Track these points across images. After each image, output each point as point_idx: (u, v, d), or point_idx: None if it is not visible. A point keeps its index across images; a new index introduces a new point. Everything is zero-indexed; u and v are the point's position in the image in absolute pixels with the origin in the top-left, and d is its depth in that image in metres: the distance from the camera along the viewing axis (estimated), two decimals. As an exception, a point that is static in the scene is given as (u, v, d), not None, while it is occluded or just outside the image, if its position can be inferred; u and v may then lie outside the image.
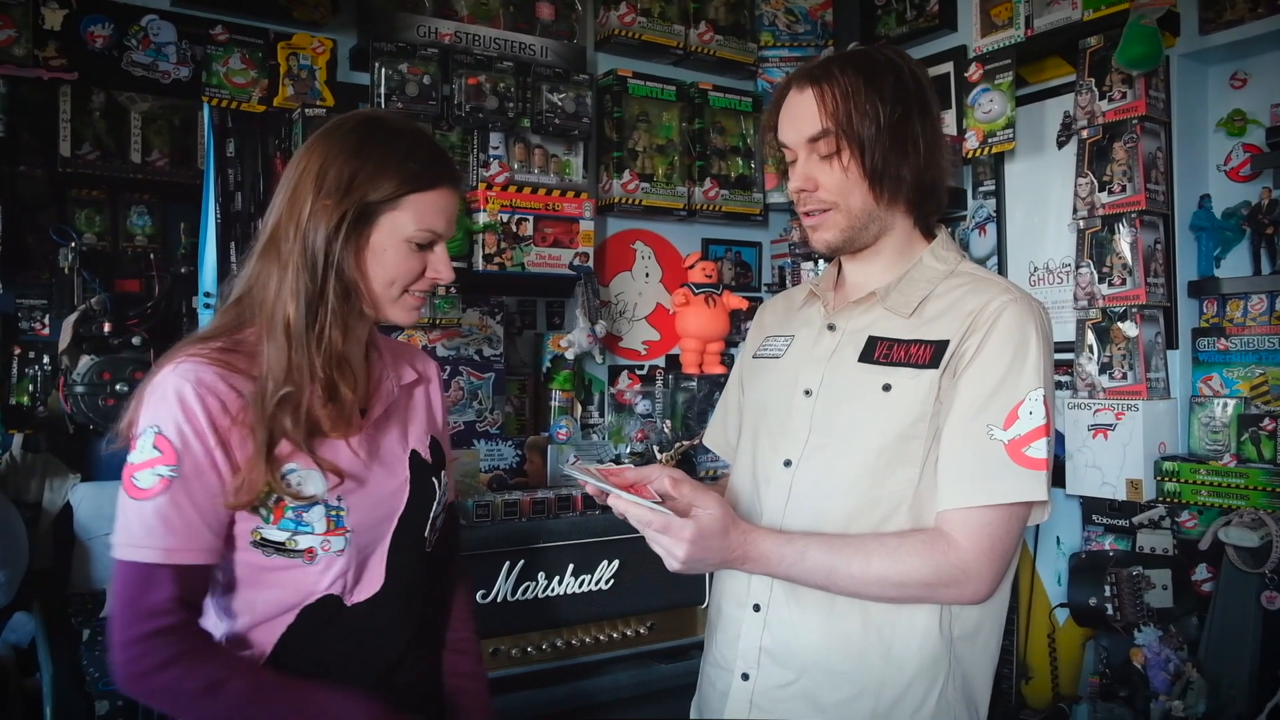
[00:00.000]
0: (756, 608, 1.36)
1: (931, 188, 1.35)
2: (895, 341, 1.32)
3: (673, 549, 1.19)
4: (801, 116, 1.31)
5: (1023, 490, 1.23)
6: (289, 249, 1.20)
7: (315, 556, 1.20)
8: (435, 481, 1.38)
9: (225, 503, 1.15)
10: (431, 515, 1.36)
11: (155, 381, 1.17)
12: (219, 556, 1.18)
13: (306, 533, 1.19)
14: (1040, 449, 1.23)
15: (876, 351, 1.32)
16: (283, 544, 1.19)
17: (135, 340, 2.29)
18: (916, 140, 1.30)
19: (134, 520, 1.12)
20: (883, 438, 1.28)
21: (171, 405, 1.14)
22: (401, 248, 1.24)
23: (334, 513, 1.21)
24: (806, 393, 1.36)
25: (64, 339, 2.24)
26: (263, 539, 1.19)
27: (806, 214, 1.36)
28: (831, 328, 1.39)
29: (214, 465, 1.15)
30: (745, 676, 1.37)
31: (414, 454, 1.34)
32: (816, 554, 1.23)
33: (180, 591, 1.13)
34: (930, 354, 1.28)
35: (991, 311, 1.27)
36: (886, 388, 1.29)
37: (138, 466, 1.13)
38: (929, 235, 1.40)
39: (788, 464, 1.35)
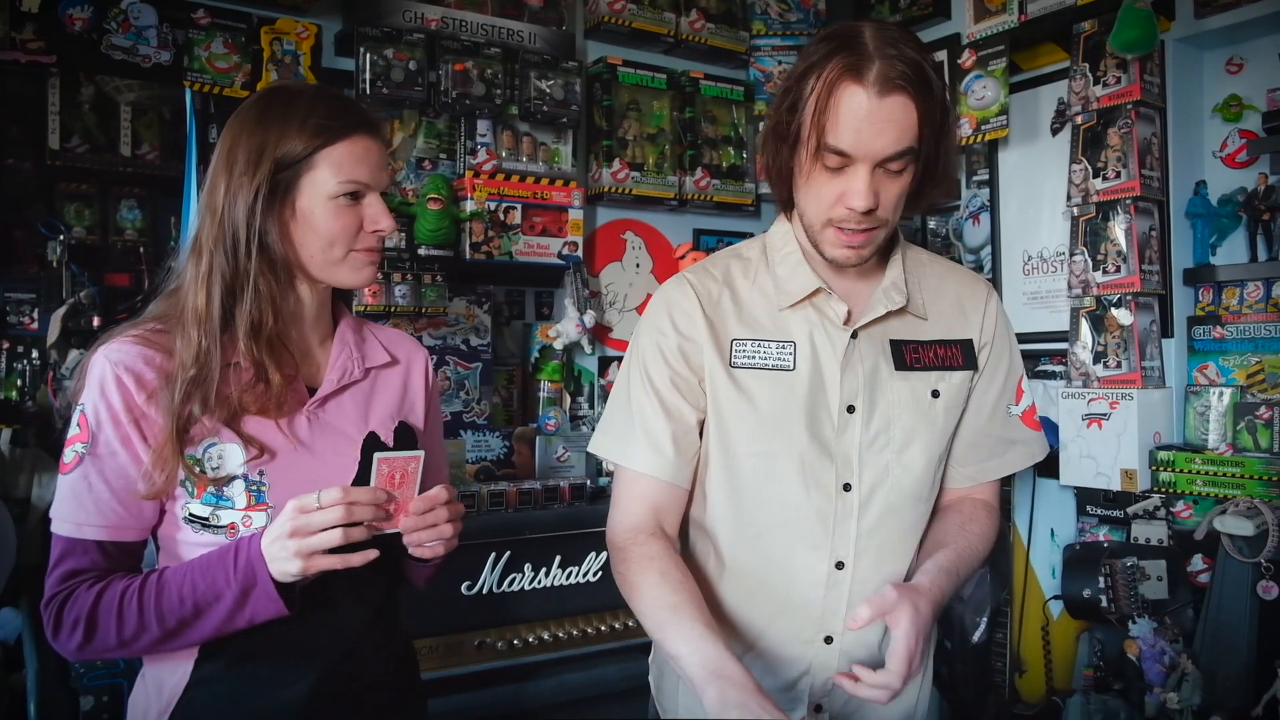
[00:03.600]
0: (829, 639, 1.30)
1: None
2: (919, 344, 1.30)
3: (915, 662, 1.14)
4: (888, 128, 1.11)
5: (1042, 451, 1.42)
6: (205, 236, 1.21)
7: (238, 532, 1.18)
8: None
9: (138, 493, 1.15)
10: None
11: (88, 362, 1.20)
12: (141, 534, 1.19)
13: (228, 508, 1.18)
14: (1037, 413, 1.42)
15: (907, 357, 1.29)
16: (206, 519, 1.18)
17: (123, 335, 2.27)
18: (956, 145, 1.29)
19: (59, 494, 1.17)
20: (939, 443, 1.32)
21: (93, 386, 1.17)
22: (329, 206, 1.21)
23: (255, 488, 1.19)
24: (849, 409, 1.27)
25: (52, 333, 2.22)
26: (191, 514, 1.18)
27: (853, 232, 1.18)
28: (854, 335, 1.28)
29: (128, 445, 1.16)
30: (818, 709, 1.33)
31: (371, 435, 1.30)
32: (960, 571, 1.29)
33: (89, 564, 1.16)
34: (962, 355, 1.33)
35: (993, 309, 1.37)
36: (935, 394, 1.30)
37: (66, 444, 1.18)
38: None
39: (848, 488, 1.26)
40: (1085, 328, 2.53)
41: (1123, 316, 2.45)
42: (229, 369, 1.19)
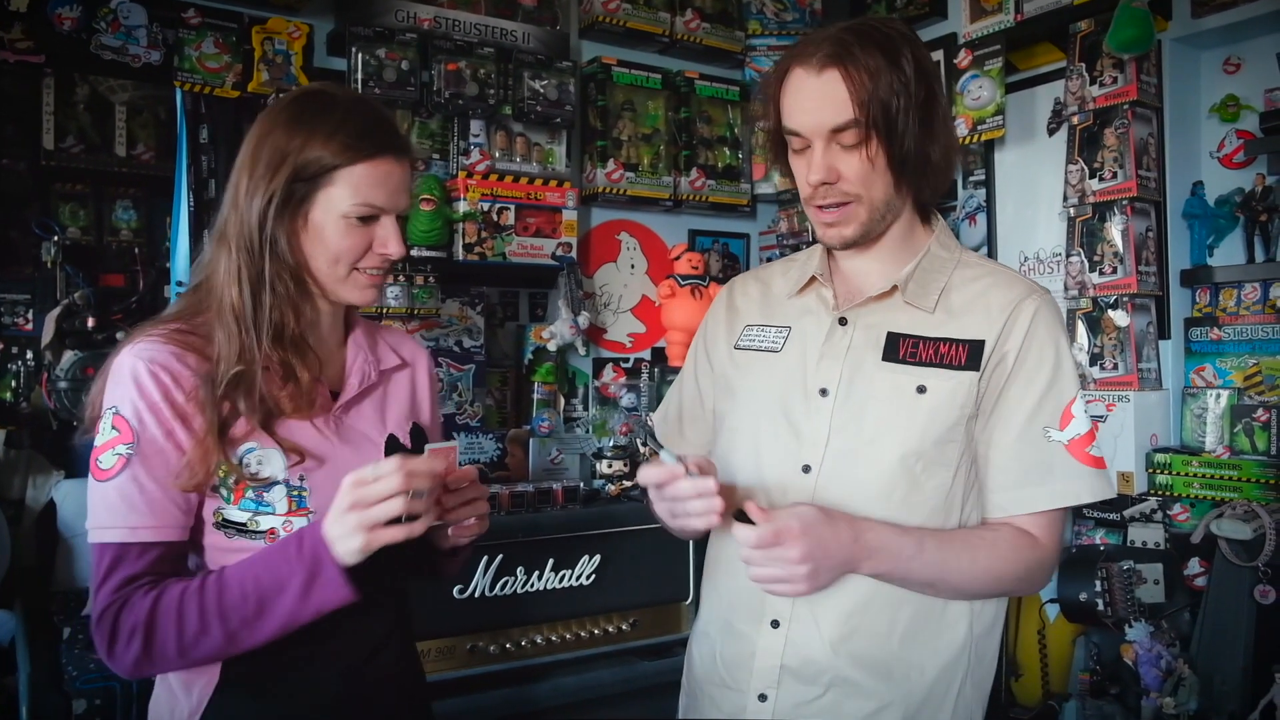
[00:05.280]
0: (775, 624, 1.28)
1: (949, 171, 1.29)
2: (920, 339, 1.26)
3: (788, 554, 1.12)
4: (824, 103, 1.19)
5: (1095, 490, 1.24)
6: (232, 232, 1.19)
7: (277, 537, 1.16)
8: None
9: (175, 483, 1.12)
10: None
11: (114, 364, 1.17)
12: (187, 534, 1.16)
13: (268, 513, 1.17)
14: (1098, 447, 1.26)
15: (901, 350, 1.26)
16: (244, 525, 1.16)
17: (119, 335, 2.26)
18: (943, 120, 1.25)
19: (99, 502, 1.13)
20: (920, 442, 1.23)
21: (126, 384, 1.13)
22: (340, 224, 1.19)
23: (296, 493, 1.18)
24: (822, 392, 1.28)
25: (47, 334, 2.21)
26: (225, 520, 1.16)
27: (823, 208, 1.24)
28: (843, 322, 1.30)
29: (173, 441, 1.13)
30: (763, 697, 1.29)
31: (391, 438, 1.31)
32: (931, 547, 1.20)
33: (146, 569, 1.12)
34: (965, 355, 1.24)
35: (1027, 311, 1.25)
36: (921, 389, 1.24)
37: (100, 449, 1.13)
38: (924, 220, 1.35)
39: (807, 470, 1.27)
40: (1082, 329, 2.52)
41: (1119, 318, 2.44)
42: (262, 372, 1.19)
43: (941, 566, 1.20)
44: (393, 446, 1.30)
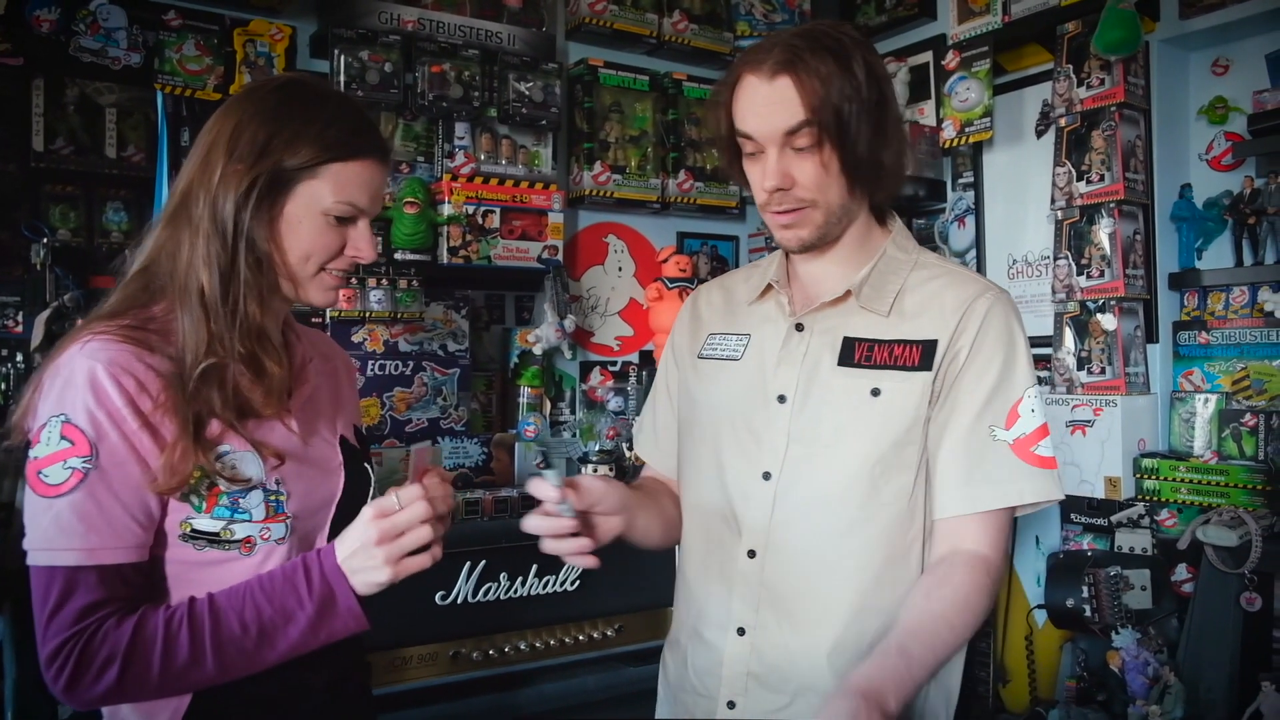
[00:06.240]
0: (741, 631, 1.28)
1: (902, 175, 1.30)
2: (875, 342, 1.25)
3: None
4: (776, 108, 1.19)
5: (1039, 490, 1.23)
6: (199, 214, 1.12)
7: (254, 547, 1.12)
8: (368, 467, 1.33)
9: (152, 486, 1.05)
10: (368, 501, 1.30)
11: (59, 364, 1.07)
12: (149, 553, 1.08)
13: (244, 520, 1.11)
14: (1048, 447, 1.24)
15: (856, 354, 1.26)
16: (216, 535, 1.10)
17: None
18: (896, 124, 1.25)
19: (46, 521, 1.03)
20: (876, 445, 1.23)
21: (80, 390, 1.04)
22: (318, 221, 1.16)
23: (273, 497, 1.13)
24: (780, 399, 1.28)
25: (36, 336, 2.20)
26: (193, 531, 1.09)
27: (778, 212, 1.24)
28: (799, 328, 1.30)
29: (135, 453, 1.05)
30: (731, 704, 1.29)
31: (343, 439, 1.29)
32: (916, 648, 1.12)
33: (107, 594, 1.04)
34: (919, 355, 1.24)
35: (980, 309, 1.24)
36: (876, 392, 1.23)
37: (44, 461, 1.03)
38: (881, 222, 1.35)
39: (767, 477, 1.27)
40: (1069, 333, 2.50)
41: (1107, 322, 2.42)
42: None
43: (934, 658, 1.14)
44: (346, 448, 1.28)
